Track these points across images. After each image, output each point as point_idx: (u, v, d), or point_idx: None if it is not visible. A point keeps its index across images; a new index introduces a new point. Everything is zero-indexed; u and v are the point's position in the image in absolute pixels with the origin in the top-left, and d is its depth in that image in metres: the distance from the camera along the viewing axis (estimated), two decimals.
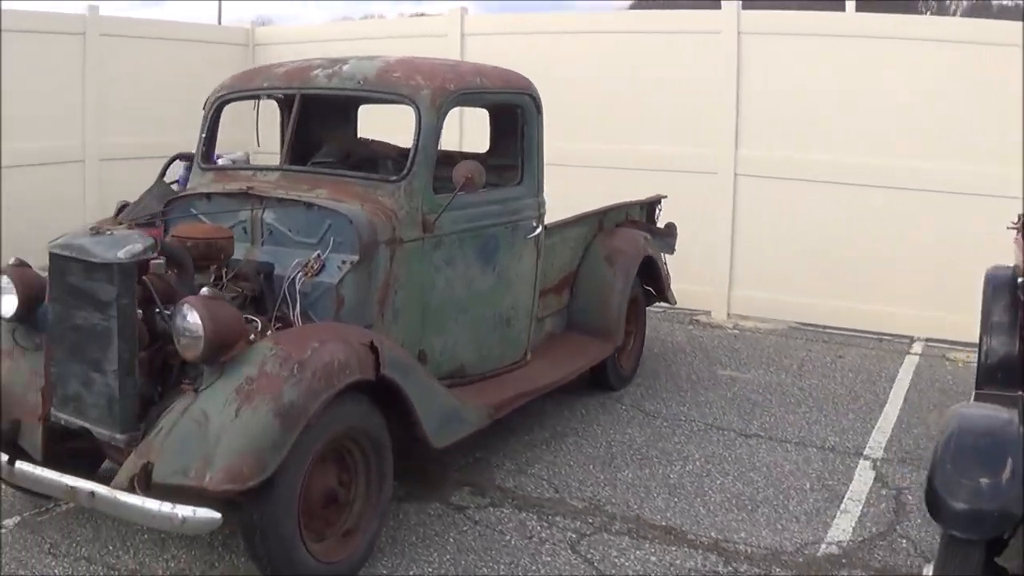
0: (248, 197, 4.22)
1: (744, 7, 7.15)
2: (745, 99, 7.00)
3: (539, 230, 4.77)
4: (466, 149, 5.20)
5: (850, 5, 7.66)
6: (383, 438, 3.73)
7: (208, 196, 4.33)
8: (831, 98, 6.85)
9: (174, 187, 6.46)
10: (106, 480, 3.48)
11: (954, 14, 12.29)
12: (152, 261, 3.75)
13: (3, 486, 4.16)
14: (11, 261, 4.01)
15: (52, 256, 3.66)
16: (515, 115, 4.73)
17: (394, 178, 4.17)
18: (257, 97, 4.69)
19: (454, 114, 4.71)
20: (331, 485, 3.59)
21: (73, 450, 3.84)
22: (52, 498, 4.13)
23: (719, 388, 5.91)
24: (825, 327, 7.21)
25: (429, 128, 4.18)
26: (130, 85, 8.09)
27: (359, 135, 5.50)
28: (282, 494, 3.33)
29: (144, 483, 3.28)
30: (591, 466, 4.73)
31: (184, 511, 3.15)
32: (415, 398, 3.78)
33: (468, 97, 4.39)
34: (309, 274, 3.98)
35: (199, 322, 3.33)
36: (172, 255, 3.75)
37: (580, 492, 4.45)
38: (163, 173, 6.50)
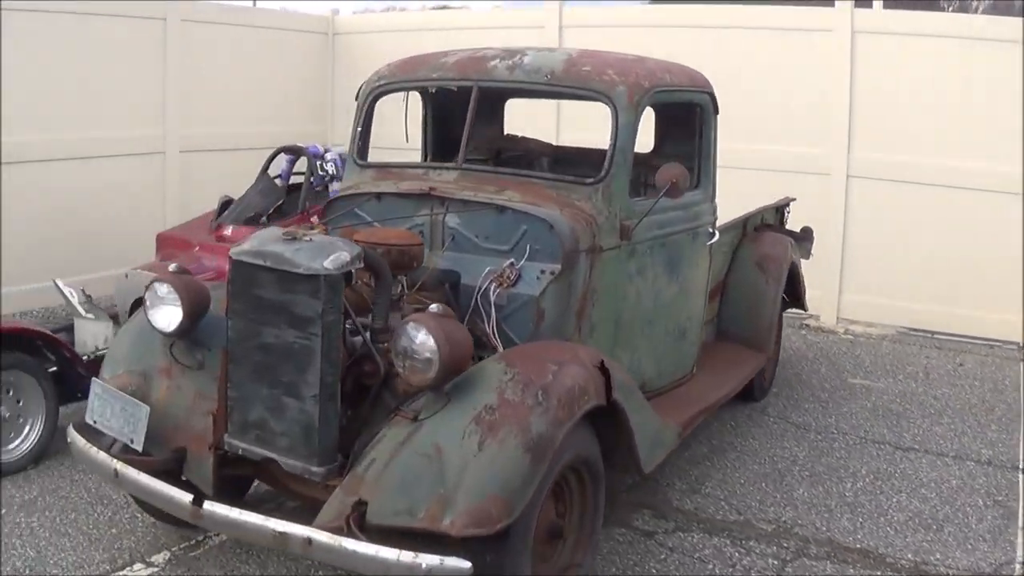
0: (427, 198, 3.72)
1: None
2: (858, 99, 6.56)
3: (717, 237, 4.31)
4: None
5: (877, 4, 7.29)
6: (599, 466, 3.27)
7: (378, 196, 3.81)
8: (946, 101, 6.43)
9: (277, 182, 5.96)
10: (254, 507, 3.02)
11: (976, 11, 11.95)
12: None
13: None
14: (171, 268, 3.46)
15: (237, 264, 3.12)
16: (694, 114, 4.24)
17: (590, 180, 3.67)
18: (422, 88, 4.14)
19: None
20: (551, 518, 3.12)
21: (226, 478, 3.33)
22: (201, 528, 3.60)
23: (856, 398, 5.51)
24: (933, 333, 6.82)
25: (627, 127, 3.69)
26: (210, 74, 7.47)
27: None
28: (519, 535, 2.85)
29: (359, 524, 2.78)
30: (763, 484, 4.32)
31: (430, 560, 2.63)
32: (635, 422, 3.32)
33: (661, 95, 3.89)
34: (504, 284, 3.49)
35: (433, 344, 2.82)
36: (369, 263, 3.24)
37: (763, 513, 4.04)
38: (266, 167, 5.98)
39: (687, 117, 4.31)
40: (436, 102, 4.57)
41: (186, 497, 2.99)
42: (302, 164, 6.02)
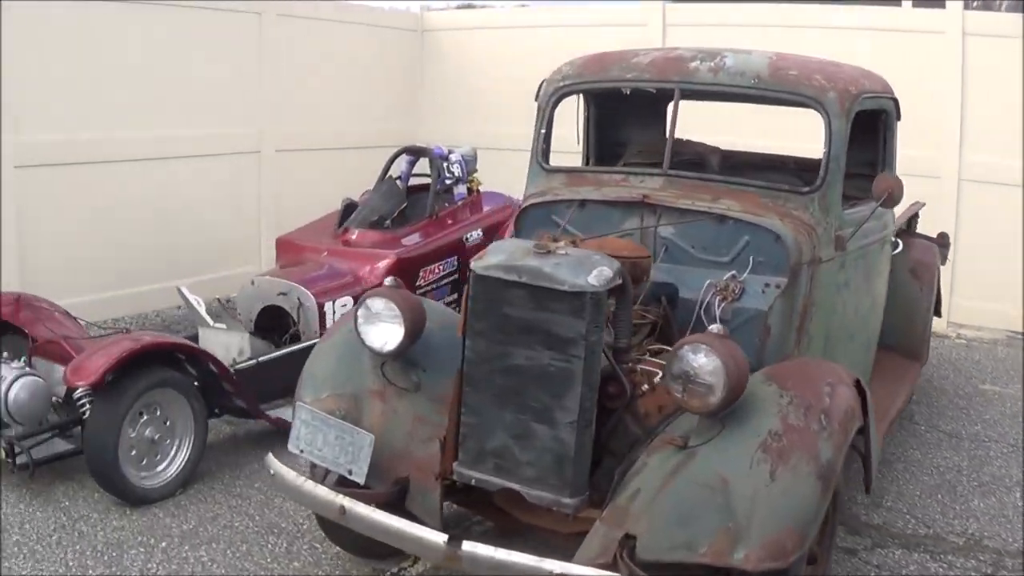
0: (636, 207, 3.48)
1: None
2: (969, 102, 6.38)
3: (900, 247, 4.13)
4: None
5: (906, 3, 7.14)
6: (841, 484, 3.09)
7: (581, 204, 3.59)
8: None
9: (398, 183, 5.69)
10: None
11: (999, 8, 11.85)
12: None
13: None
14: (387, 281, 3.22)
15: (483, 280, 2.86)
16: (877, 120, 4.04)
17: (806, 189, 3.47)
18: (613, 89, 3.85)
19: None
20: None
21: None
22: (400, 554, 3.32)
23: (993, 404, 5.37)
24: None
25: (839, 135, 3.48)
26: (303, 71, 7.14)
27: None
28: (799, 565, 2.64)
29: (630, 559, 2.56)
30: (938, 495, 4.17)
31: None
32: (872, 439, 3.14)
33: (867, 101, 3.68)
34: (729, 298, 3.28)
35: (720, 367, 2.61)
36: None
37: (949, 526, 3.91)
38: (387, 169, 5.70)
39: (870, 123, 4.10)
40: (599, 103, 4.34)
41: (439, 537, 2.70)
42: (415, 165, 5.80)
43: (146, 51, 6.14)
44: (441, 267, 5.25)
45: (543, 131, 3.88)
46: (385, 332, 3.11)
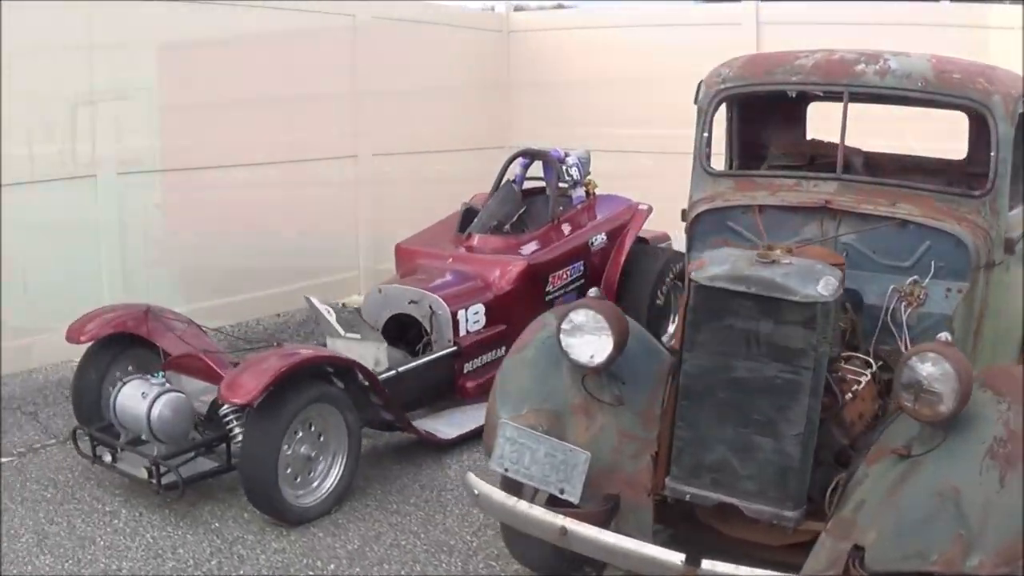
0: (814, 212, 3.52)
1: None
2: None
3: None
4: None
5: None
6: None
7: (760, 209, 3.61)
8: None
9: (514, 187, 5.72)
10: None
11: None
12: None
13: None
14: (591, 292, 3.26)
15: (707, 290, 2.90)
16: (1020, 123, 4.09)
17: (977, 192, 3.52)
18: (778, 92, 3.86)
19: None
20: None
21: None
22: (580, 570, 3.35)
23: None
24: None
25: (1007, 138, 3.52)
26: (397, 73, 7.13)
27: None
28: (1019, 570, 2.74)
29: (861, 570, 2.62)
30: None
31: None
32: None
33: None
34: (914, 304, 3.34)
35: (953, 376, 2.66)
36: None
37: None
38: (504, 172, 5.74)
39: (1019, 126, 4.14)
40: (742, 105, 4.36)
41: (675, 556, 2.71)
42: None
43: (241, 54, 6.17)
44: (569, 272, 5.29)
45: (705, 135, 3.90)
46: (592, 344, 3.13)
